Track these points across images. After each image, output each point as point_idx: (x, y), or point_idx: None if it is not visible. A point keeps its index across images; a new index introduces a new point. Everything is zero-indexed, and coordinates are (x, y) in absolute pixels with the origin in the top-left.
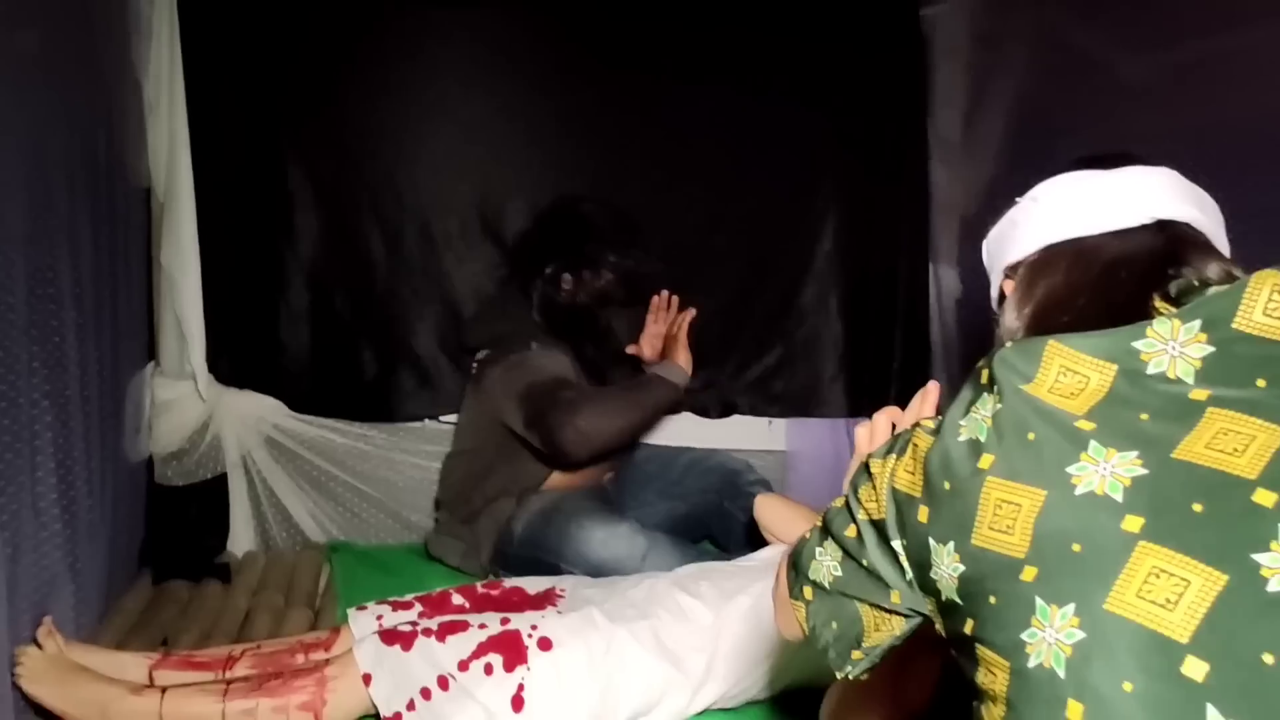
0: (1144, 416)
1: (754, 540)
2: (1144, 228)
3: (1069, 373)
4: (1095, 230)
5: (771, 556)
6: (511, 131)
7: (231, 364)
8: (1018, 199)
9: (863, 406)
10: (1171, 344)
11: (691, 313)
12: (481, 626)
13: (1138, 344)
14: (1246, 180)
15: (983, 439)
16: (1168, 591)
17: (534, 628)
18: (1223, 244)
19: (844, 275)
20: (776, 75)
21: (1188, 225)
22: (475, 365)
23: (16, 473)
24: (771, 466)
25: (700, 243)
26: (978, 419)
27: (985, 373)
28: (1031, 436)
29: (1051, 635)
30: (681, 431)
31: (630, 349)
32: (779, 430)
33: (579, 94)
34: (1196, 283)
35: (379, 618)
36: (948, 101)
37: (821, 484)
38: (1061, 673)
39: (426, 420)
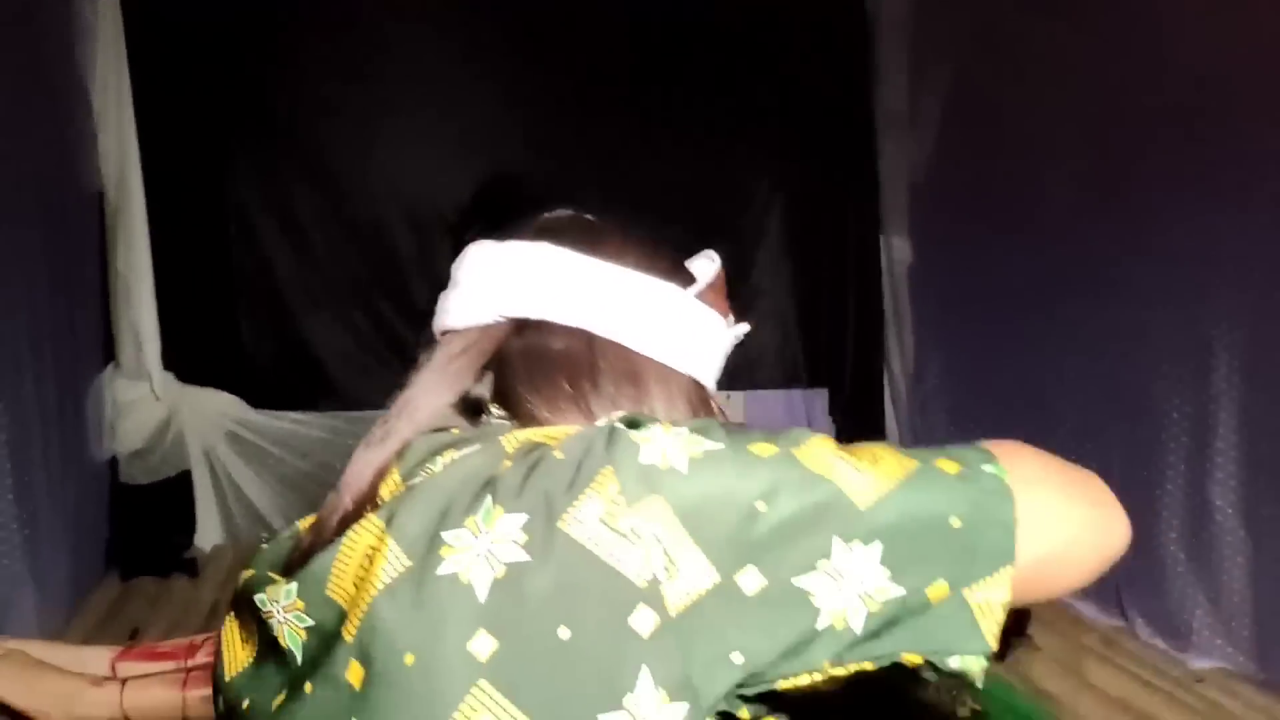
0: None
1: None
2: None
3: None
4: None
5: None
6: (454, 127)
7: (190, 363)
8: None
9: (819, 376)
10: None
11: None
12: None
13: None
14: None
15: None
16: None
17: None
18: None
19: (794, 247)
20: (723, 51)
21: None
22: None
23: None
24: None
25: (651, 218)
26: None
27: None
28: None
29: None
30: None
31: None
32: (737, 402)
33: (524, 79)
34: None
35: None
36: (892, 74)
37: None
38: None
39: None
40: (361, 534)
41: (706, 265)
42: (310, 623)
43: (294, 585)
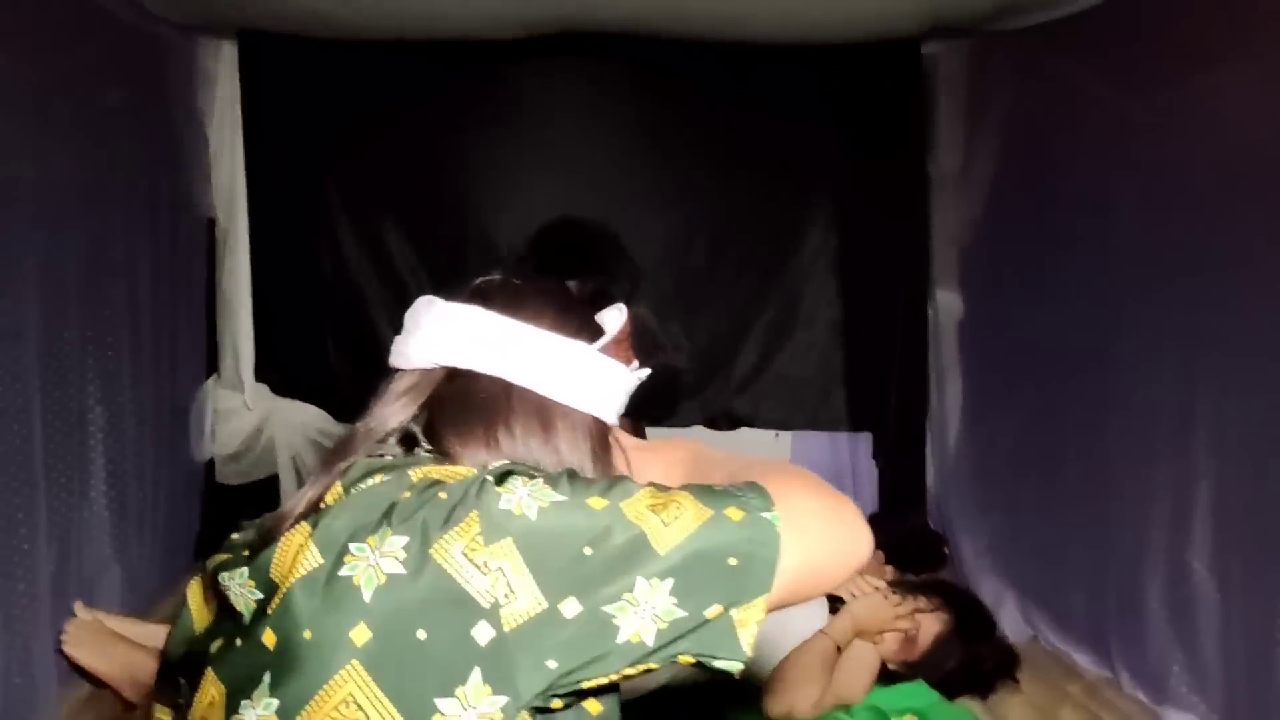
0: None
1: None
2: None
3: None
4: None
5: None
6: (530, 161)
7: (282, 376)
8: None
9: (862, 421)
10: None
11: None
12: None
13: None
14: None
15: None
16: None
17: None
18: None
19: (845, 300)
20: (784, 109)
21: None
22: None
23: (69, 467)
24: None
25: (709, 266)
26: None
27: None
28: None
29: None
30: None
31: None
32: (785, 442)
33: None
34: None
35: None
36: (948, 136)
37: None
38: None
39: None
40: (295, 534)
41: (616, 317)
42: (257, 596)
43: (247, 569)
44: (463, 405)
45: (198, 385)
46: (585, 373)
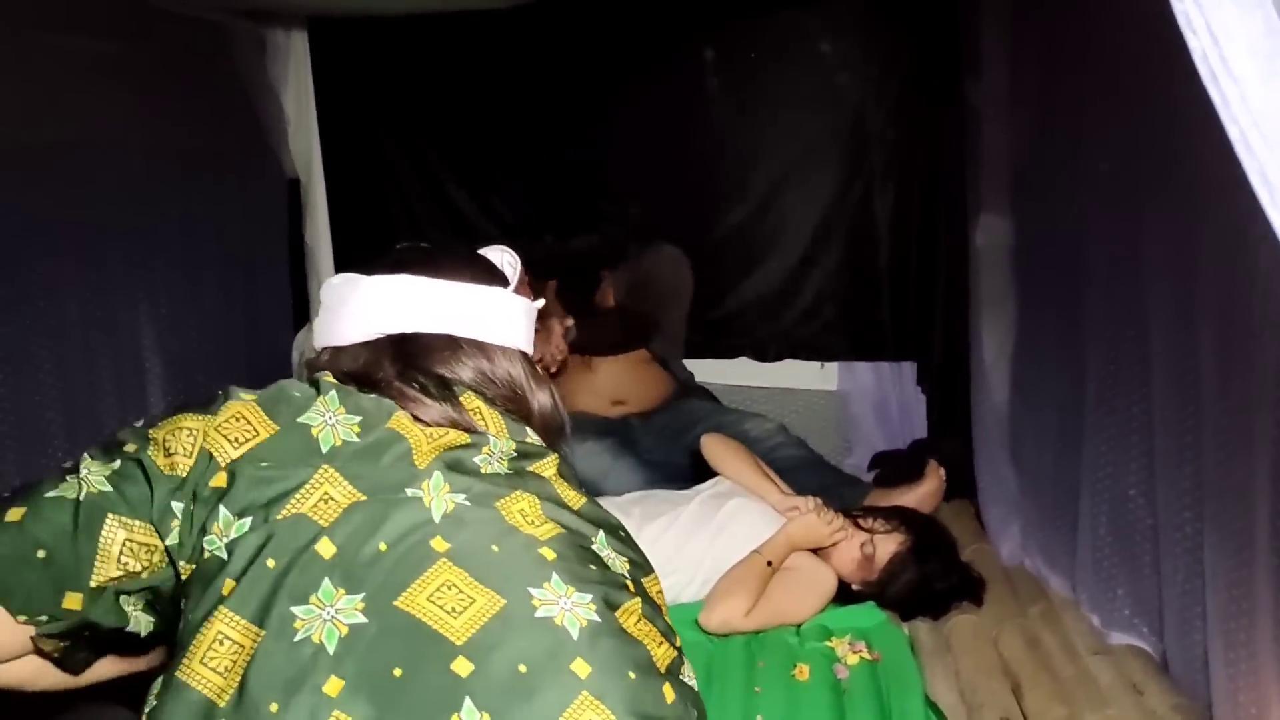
0: None
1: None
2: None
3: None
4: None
5: (706, 488)
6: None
7: None
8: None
9: (906, 350)
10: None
11: None
12: None
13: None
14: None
15: None
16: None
17: None
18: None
19: (888, 234)
20: (822, 46)
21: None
22: None
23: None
24: (826, 405)
25: (759, 210)
26: None
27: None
28: None
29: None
30: (744, 373)
31: None
32: (831, 372)
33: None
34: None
35: None
36: (992, 55)
37: (869, 420)
38: None
39: None
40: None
41: (510, 260)
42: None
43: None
44: (411, 362)
45: (281, 332)
46: (511, 313)
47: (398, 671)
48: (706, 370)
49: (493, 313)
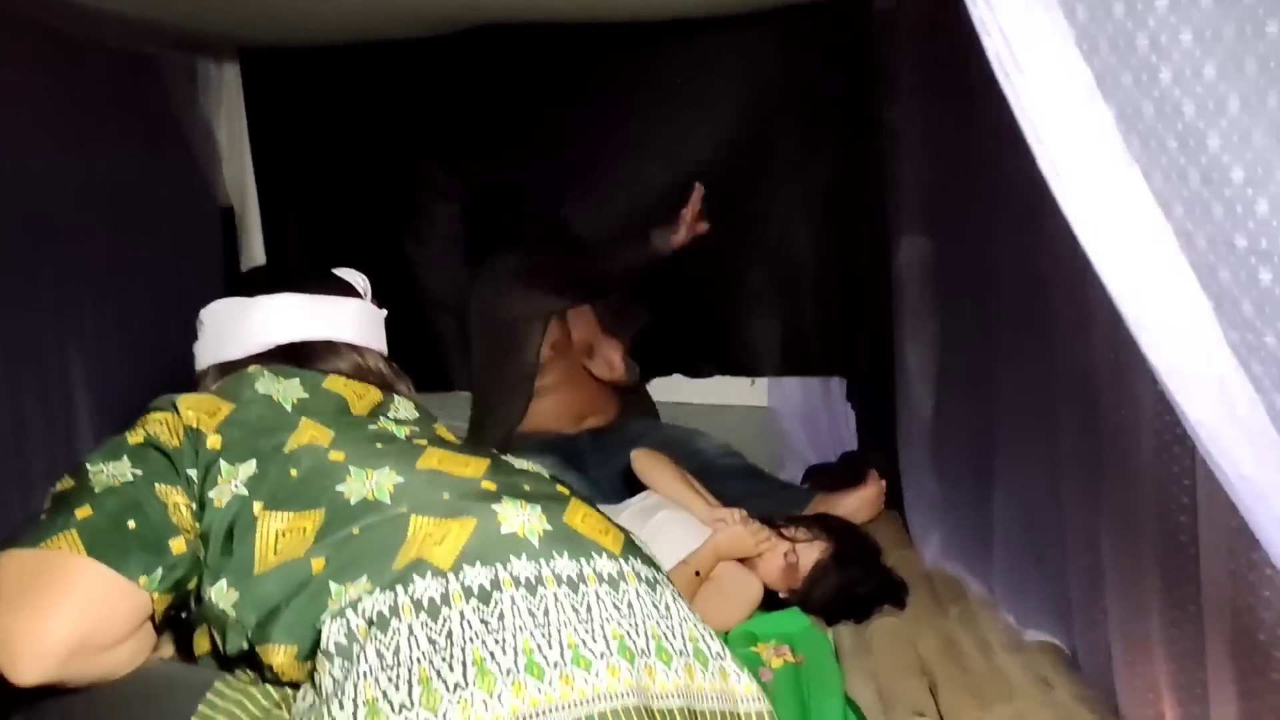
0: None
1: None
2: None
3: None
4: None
5: (635, 501)
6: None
7: None
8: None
9: (834, 366)
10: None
11: None
12: None
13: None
14: None
15: None
16: None
17: None
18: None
19: (815, 249)
20: (744, 72)
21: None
22: None
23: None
24: (757, 420)
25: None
26: None
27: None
28: None
29: None
30: (676, 388)
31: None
32: (761, 388)
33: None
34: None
35: None
36: (907, 84)
37: (799, 435)
38: None
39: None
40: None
41: (357, 274)
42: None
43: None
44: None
45: None
46: (373, 319)
47: (445, 495)
48: None
49: (360, 320)
